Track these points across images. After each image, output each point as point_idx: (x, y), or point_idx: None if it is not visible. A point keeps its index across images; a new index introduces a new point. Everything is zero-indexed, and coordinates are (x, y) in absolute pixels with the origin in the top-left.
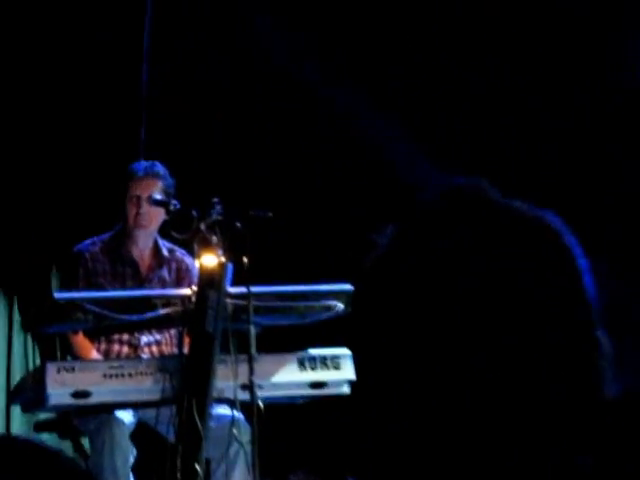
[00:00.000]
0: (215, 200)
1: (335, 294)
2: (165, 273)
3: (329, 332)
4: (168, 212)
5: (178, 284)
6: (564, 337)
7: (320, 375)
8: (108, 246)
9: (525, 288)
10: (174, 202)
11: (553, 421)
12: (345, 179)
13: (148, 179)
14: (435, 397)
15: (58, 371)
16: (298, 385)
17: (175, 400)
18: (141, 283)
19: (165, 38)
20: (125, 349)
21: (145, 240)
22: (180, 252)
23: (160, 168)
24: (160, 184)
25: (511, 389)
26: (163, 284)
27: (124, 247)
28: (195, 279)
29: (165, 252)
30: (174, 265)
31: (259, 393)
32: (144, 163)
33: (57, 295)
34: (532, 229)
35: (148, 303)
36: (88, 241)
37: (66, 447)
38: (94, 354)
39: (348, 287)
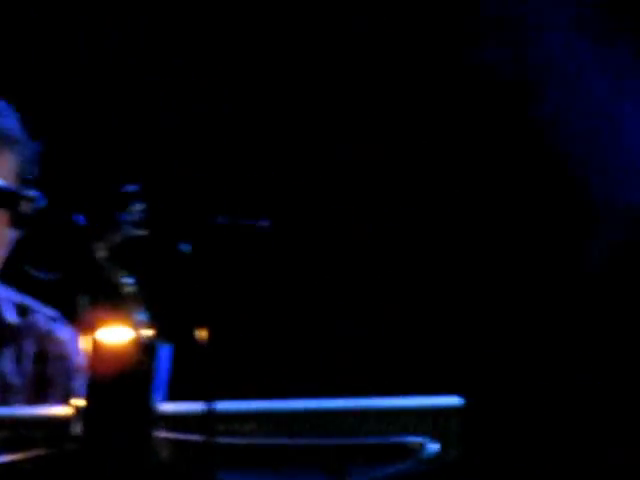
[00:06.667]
0: (130, 190)
1: (427, 415)
2: (7, 365)
3: None
4: (19, 219)
5: (39, 391)
6: None
7: None
8: None
9: None
10: (32, 194)
11: None
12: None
13: None
14: None
15: None
16: None
17: None
18: None
19: None
20: None
21: None
22: (44, 314)
23: (11, 119)
24: (11, 157)
25: None
26: (3, 392)
27: None
28: (79, 379)
29: (10, 316)
30: (30, 346)
31: None
32: None
33: None
34: None
35: None
36: None
37: None
38: None
39: (456, 401)
